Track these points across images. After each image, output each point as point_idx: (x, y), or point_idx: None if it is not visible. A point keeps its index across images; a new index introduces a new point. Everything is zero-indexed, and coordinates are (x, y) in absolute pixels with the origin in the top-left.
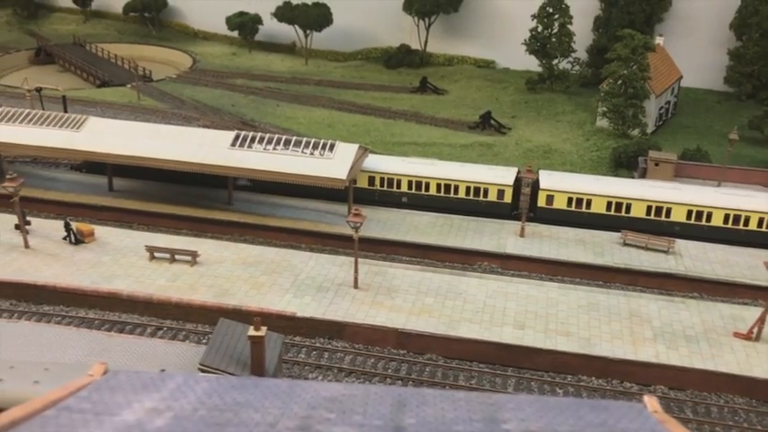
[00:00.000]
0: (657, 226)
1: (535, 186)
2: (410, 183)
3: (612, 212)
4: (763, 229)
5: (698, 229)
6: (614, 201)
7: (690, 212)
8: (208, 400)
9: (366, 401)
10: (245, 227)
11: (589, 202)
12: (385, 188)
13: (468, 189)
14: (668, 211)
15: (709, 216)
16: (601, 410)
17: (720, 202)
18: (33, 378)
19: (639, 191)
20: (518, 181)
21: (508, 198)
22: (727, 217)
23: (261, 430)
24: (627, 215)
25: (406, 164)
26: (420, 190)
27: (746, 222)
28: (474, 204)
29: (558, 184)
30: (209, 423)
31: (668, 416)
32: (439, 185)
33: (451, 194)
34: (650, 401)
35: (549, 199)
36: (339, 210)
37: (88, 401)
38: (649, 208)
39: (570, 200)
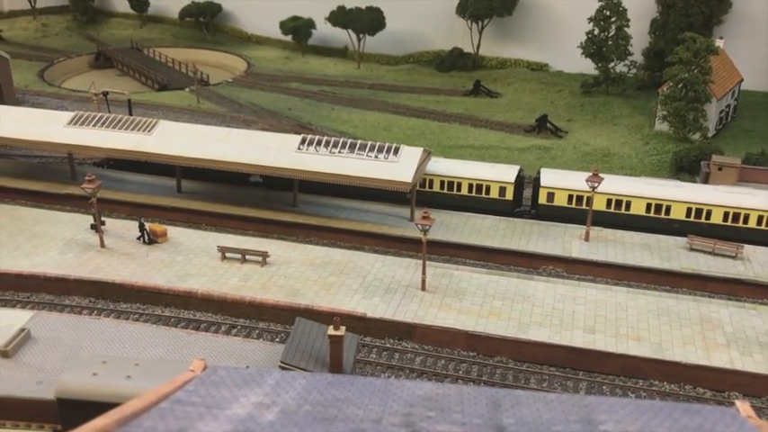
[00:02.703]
0: (657, 223)
1: (536, 183)
2: None
3: (612, 210)
4: (763, 227)
5: (698, 226)
6: (614, 198)
7: (689, 210)
8: (309, 395)
9: (461, 401)
10: (310, 228)
11: (589, 200)
12: None
13: (470, 186)
14: (668, 209)
15: (709, 214)
16: (694, 414)
17: (720, 201)
18: (125, 373)
19: (639, 188)
20: (519, 178)
21: (510, 195)
22: (726, 215)
23: (366, 426)
24: (627, 212)
25: None
26: (424, 187)
27: (746, 220)
28: (476, 201)
29: (558, 181)
30: (317, 418)
31: (763, 421)
32: (442, 183)
33: (454, 191)
34: (743, 407)
35: (550, 196)
36: (401, 212)
37: (197, 395)
38: (649, 205)
39: (571, 197)
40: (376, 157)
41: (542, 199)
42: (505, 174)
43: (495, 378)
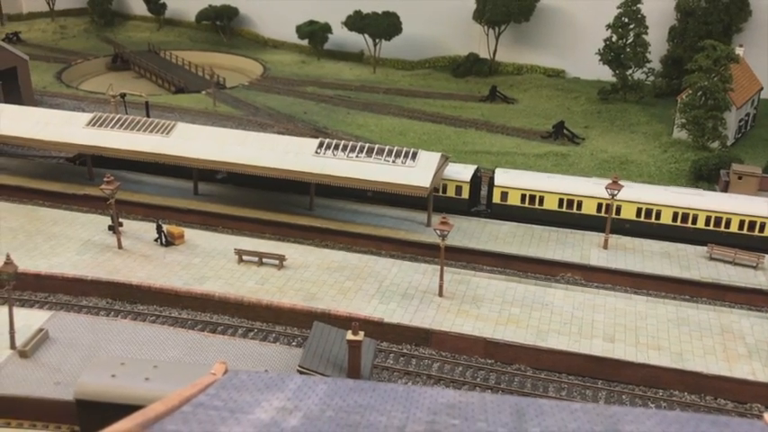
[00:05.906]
0: (610, 223)
1: (491, 183)
2: None
3: (564, 209)
4: (705, 227)
5: (647, 226)
6: (566, 198)
7: (639, 210)
8: (331, 401)
9: (485, 409)
10: (326, 232)
11: (542, 199)
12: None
13: None
14: (618, 209)
15: (658, 214)
16: (722, 426)
17: (668, 201)
18: (144, 375)
19: (591, 189)
20: (476, 177)
21: (466, 194)
22: (675, 215)
23: None
24: (578, 212)
25: None
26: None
27: (695, 221)
28: (433, 200)
29: (512, 181)
30: (341, 424)
31: None
32: None
33: None
34: None
35: (504, 195)
36: (418, 217)
37: (219, 399)
38: (600, 205)
39: (524, 196)
40: (394, 161)
41: (496, 198)
42: (462, 173)
43: (513, 386)
